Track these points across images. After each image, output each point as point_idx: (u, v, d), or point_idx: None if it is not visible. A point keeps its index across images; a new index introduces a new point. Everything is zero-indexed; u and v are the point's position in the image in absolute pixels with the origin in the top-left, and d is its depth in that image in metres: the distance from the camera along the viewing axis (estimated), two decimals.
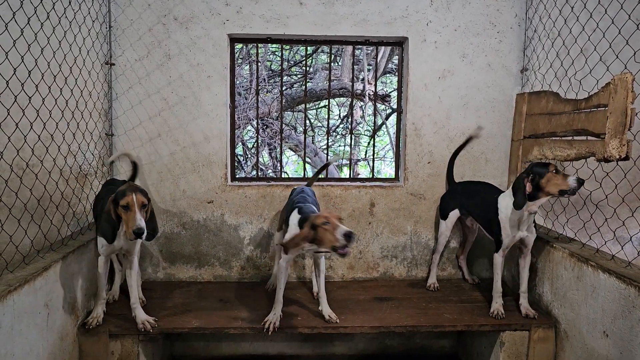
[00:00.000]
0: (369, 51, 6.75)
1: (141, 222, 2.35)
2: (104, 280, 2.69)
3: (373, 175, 4.09)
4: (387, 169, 8.02)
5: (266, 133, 7.08)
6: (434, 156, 3.59)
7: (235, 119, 3.76)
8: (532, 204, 2.70)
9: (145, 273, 3.59)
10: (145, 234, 2.36)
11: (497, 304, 2.93)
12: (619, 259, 2.53)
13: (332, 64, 6.60)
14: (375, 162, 4.26)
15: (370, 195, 3.61)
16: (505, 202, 2.85)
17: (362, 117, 7.23)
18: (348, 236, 2.23)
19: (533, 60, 3.43)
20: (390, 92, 7.03)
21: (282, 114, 4.11)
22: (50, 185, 2.62)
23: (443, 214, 3.39)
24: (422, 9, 3.46)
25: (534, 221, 2.89)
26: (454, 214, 3.33)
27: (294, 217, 2.62)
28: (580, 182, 2.55)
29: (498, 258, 2.92)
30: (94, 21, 3.14)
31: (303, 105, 6.57)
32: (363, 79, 6.66)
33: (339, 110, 7.61)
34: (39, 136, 2.47)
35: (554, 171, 2.61)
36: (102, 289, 2.72)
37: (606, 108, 2.45)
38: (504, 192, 2.99)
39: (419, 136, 3.58)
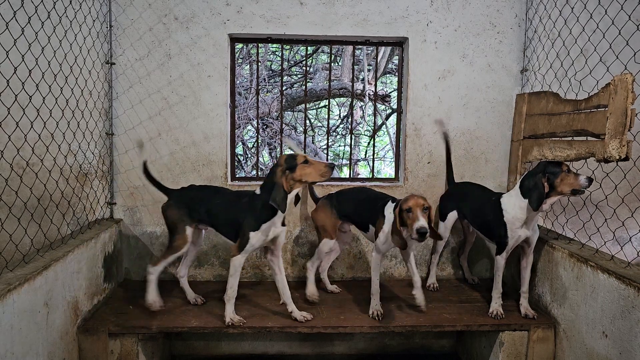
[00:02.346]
0: (369, 51, 6.75)
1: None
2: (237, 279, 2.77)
3: (373, 175, 4.09)
4: (387, 169, 8.03)
5: (266, 133, 7.08)
6: (434, 156, 3.59)
7: (236, 118, 3.77)
8: (544, 203, 2.68)
9: (144, 272, 3.58)
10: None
11: (497, 304, 2.93)
12: (618, 259, 2.53)
13: (332, 64, 6.60)
14: (375, 162, 4.26)
15: None
16: (510, 202, 2.82)
17: (362, 117, 7.23)
18: (420, 232, 2.42)
19: (533, 60, 3.43)
20: (390, 92, 7.03)
21: (282, 114, 4.11)
22: (51, 185, 2.62)
23: (441, 215, 3.39)
24: (423, 9, 3.46)
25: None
26: (453, 215, 3.32)
27: (390, 207, 2.76)
28: (590, 180, 2.56)
29: (501, 260, 2.89)
30: (94, 20, 3.14)
31: (303, 105, 6.57)
32: (363, 79, 6.66)
33: (339, 110, 7.61)
34: (39, 135, 2.47)
35: (567, 170, 2.62)
36: (235, 288, 2.79)
37: (606, 108, 2.45)
38: (502, 193, 2.99)
39: (418, 136, 3.58)
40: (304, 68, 6.68)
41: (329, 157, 3.87)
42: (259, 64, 5.93)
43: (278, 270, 2.87)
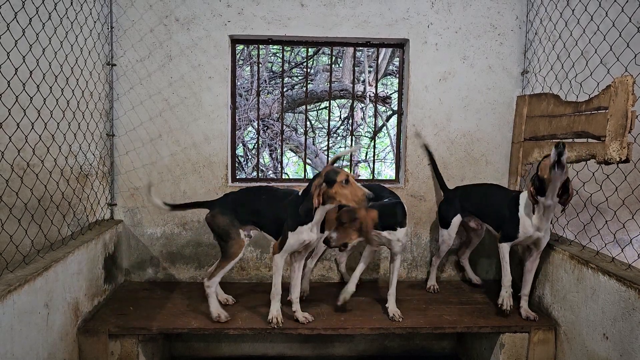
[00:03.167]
0: (370, 53, 6.75)
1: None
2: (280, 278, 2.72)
3: (373, 176, 4.09)
4: (387, 171, 8.02)
5: (267, 134, 7.08)
6: (435, 158, 3.58)
7: (236, 120, 3.77)
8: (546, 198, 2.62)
9: (145, 273, 3.59)
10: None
11: (507, 294, 2.89)
12: (619, 261, 2.52)
13: (333, 65, 6.60)
14: (375, 163, 4.26)
15: None
16: (525, 199, 2.79)
17: (363, 118, 7.23)
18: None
19: (534, 62, 3.43)
20: (391, 94, 7.03)
21: (282, 115, 4.11)
22: (51, 186, 2.63)
23: (444, 222, 3.33)
24: (423, 11, 3.47)
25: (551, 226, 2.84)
26: (457, 220, 3.28)
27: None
28: (559, 148, 2.39)
29: (506, 247, 2.87)
30: (95, 22, 3.15)
31: (304, 107, 6.57)
32: (364, 81, 6.67)
33: (340, 112, 7.61)
34: (40, 136, 2.48)
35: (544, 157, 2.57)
36: (278, 287, 2.74)
37: (607, 110, 2.45)
38: (520, 190, 2.98)
39: (419, 138, 3.58)
40: (305, 69, 6.69)
41: (329, 158, 3.86)
42: (260, 65, 5.94)
43: (297, 268, 2.81)
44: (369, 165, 7.78)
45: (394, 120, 7.12)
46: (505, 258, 2.90)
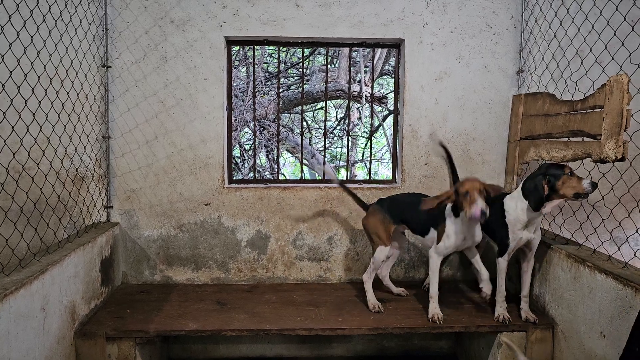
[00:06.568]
0: (366, 53, 6.76)
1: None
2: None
3: (370, 176, 4.09)
4: (384, 171, 8.03)
5: (263, 135, 7.07)
6: (431, 158, 3.59)
7: (232, 121, 3.76)
8: (544, 207, 2.64)
9: (142, 275, 3.58)
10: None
11: (502, 309, 2.89)
12: (615, 259, 2.53)
13: (329, 65, 6.60)
14: (372, 163, 4.26)
15: (368, 197, 3.60)
16: (513, 203, 2.78)
17: (359, 118, 7.24)
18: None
19: (529, 61, 3.44)
20: (387, 94, 7.04)
21: (279, 116, 4.11)
22: (47, 188, 2.61)
23: None
24: (419, 11, 3.47)
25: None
26: None
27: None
28: (594, 185, 2.51)
29: (502, 263, 2.86)
30: (90, 24, 3.13)
31: (300, 107, 6.57)
32: (360, 81, 6.67)
33: (336, 112, 7.61)
34: (35, 139, 2.46)
35: (569, 173, 2.57)
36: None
37: (602, 109, 2.46)
38: (505, 193, 2.96)
39: (415, 138, 3.58)
40: (301, 70, 6.69)
41: (326, 158, 3.85)
42: (256, 66, 5.93)
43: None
44: (365, 166, 7.78)
45: (390, 120, 7.13)
46: (501, 274, 2.87)
